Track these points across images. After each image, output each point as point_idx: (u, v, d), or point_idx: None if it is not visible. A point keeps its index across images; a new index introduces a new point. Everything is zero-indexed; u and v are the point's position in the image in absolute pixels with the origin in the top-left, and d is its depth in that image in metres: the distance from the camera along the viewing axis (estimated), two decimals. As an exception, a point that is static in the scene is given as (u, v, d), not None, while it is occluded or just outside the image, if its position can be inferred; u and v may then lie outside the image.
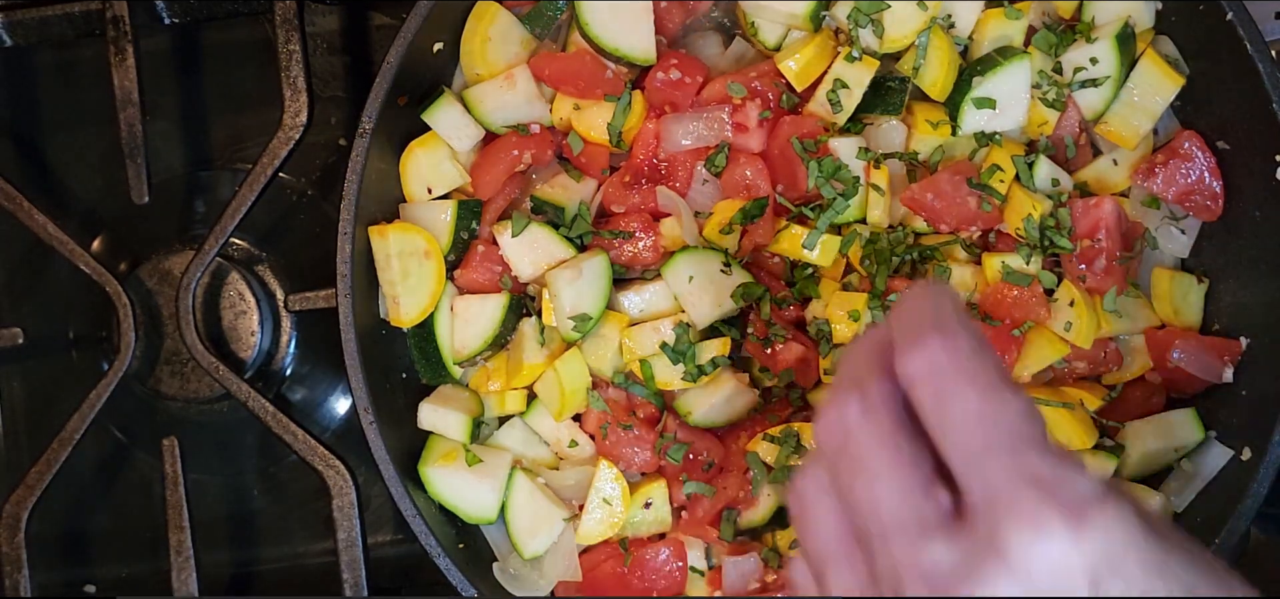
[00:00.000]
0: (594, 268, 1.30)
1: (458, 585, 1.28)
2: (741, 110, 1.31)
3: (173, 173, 1.50)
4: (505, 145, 1.33)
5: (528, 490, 1.33)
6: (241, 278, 1.46)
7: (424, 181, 1.33)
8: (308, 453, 1.35)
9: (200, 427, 1.49)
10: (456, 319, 1.33)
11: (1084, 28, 1.33)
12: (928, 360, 0.74)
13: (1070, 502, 0.68)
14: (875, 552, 0.74)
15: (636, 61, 1.32)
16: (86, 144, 1.50)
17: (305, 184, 1.50)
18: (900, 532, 0.73)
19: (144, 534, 1.47)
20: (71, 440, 1.37)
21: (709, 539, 1.34)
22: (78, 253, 1.38)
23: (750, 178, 1.32)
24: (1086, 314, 1.29)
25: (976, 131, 1.33)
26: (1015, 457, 0.70)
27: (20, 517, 1.37)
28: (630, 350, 1.31)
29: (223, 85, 1.51)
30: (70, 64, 1.51)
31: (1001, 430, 0.71)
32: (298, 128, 1.35)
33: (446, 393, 1.35)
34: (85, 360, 1.50)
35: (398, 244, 1.30)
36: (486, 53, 1.33)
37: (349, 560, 1.35)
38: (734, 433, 1.34)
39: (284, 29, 1.36)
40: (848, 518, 0.77)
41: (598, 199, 1.35)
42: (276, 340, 1.49)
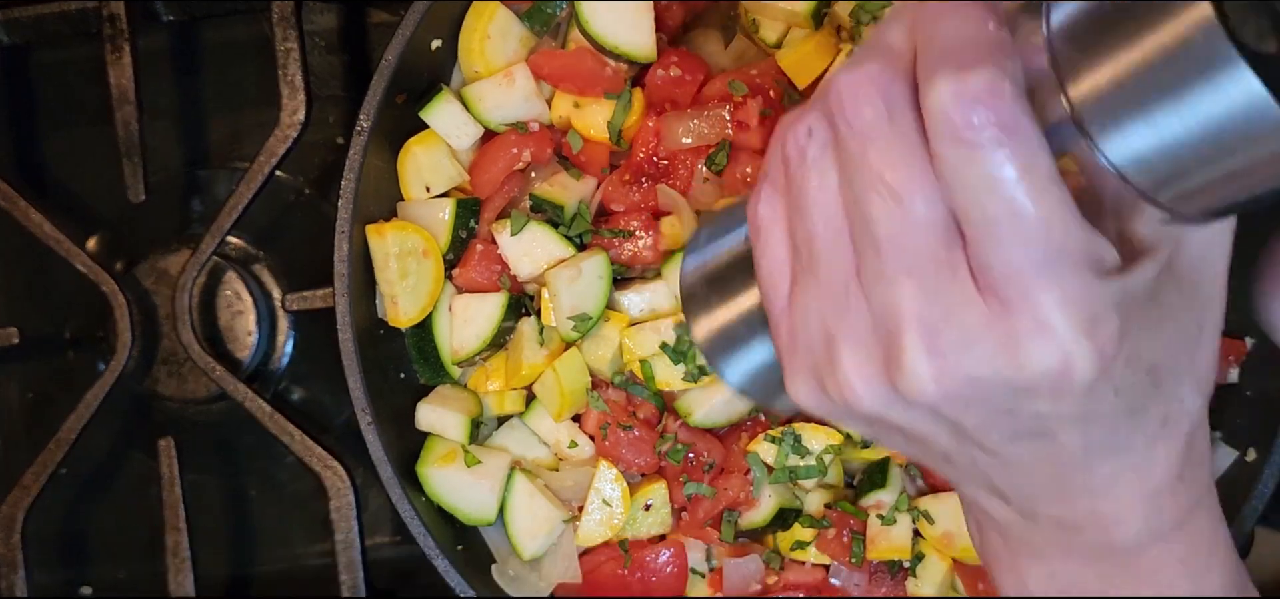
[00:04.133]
0: (594, 267, 1.30)
1: (456, 587, 1.27)
2: (743, 108, 1.31)
3: (169, 171, 1.49)
4: (504, 144, 1.33)
5: (527, 491, 1.33)
6: (238, 277, 1.46)
7: (422, 180, 1.32)
8: (305, 453, 1.35)
9: (197, 427, 1.48)
10: (455, 319, 1.33)
11: (1087, 25, 1.32)
12: (966, 105, 0.61)
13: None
14: (870, 283, 0.66)
15: (637, 59, 1.31)
16: (82, 143, 1.50)
17: (303, 183, 1.50)
18: (916, 265, 0.64)
19: (140, 535, 1.47)
20: (68, 441, 1.36)
21: (710, 540, 1.34)
22: (74, 252, 1.37)
23: (752, 175, 1.31)
24: (1090, 314, 1.28)
25: (979, 130, 1.32)
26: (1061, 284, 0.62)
27: (16, 517, 1.36)
28: (630, 350, 1.31)
29: (220, 84, 1.51)
30: (66, 62, 1.50)
31: (1049, 245, 0.62)
32: (295, 126, 1.35)
33: (445, 393, 1.35)
34: (81, 360, 1.49)
35: (396, 243, 1.29)
36: (485, 50, 1.32)
37: (347, 562, 1.34)
38: (735, 434, 1.34)
39: (281, 27, 1.35)
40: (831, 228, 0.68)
41: (597, 198, 1.34)
42: (273, 340, 1.49)
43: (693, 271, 0.82)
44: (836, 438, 1.31)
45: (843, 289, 0.68)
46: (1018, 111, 0.61)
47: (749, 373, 0.82)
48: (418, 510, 1.27)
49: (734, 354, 0.81)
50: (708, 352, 0.83)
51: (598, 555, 1.34)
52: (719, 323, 0.80)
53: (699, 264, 0.82)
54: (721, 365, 0.82)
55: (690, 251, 0.82)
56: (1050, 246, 0.62)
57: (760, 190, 0.73)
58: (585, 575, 1.34)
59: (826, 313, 0.69)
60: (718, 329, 0.81)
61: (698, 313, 0.81)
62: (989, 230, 0.62)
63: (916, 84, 0.64)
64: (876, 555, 1.30)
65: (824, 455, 1.30)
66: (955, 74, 0.61)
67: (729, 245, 0.80)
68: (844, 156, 0.66)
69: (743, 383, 0.83)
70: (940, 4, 0.65)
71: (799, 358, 0.72)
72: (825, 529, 1.31)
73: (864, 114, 0.65)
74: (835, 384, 0.69)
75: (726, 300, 0.80)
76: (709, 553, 1.36)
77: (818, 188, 0.68)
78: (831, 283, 0.68)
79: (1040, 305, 0.62)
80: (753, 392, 0.84)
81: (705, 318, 0.81)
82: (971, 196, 0.62)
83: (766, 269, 0.73)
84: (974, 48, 0.62)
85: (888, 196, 0.64)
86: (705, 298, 0.80)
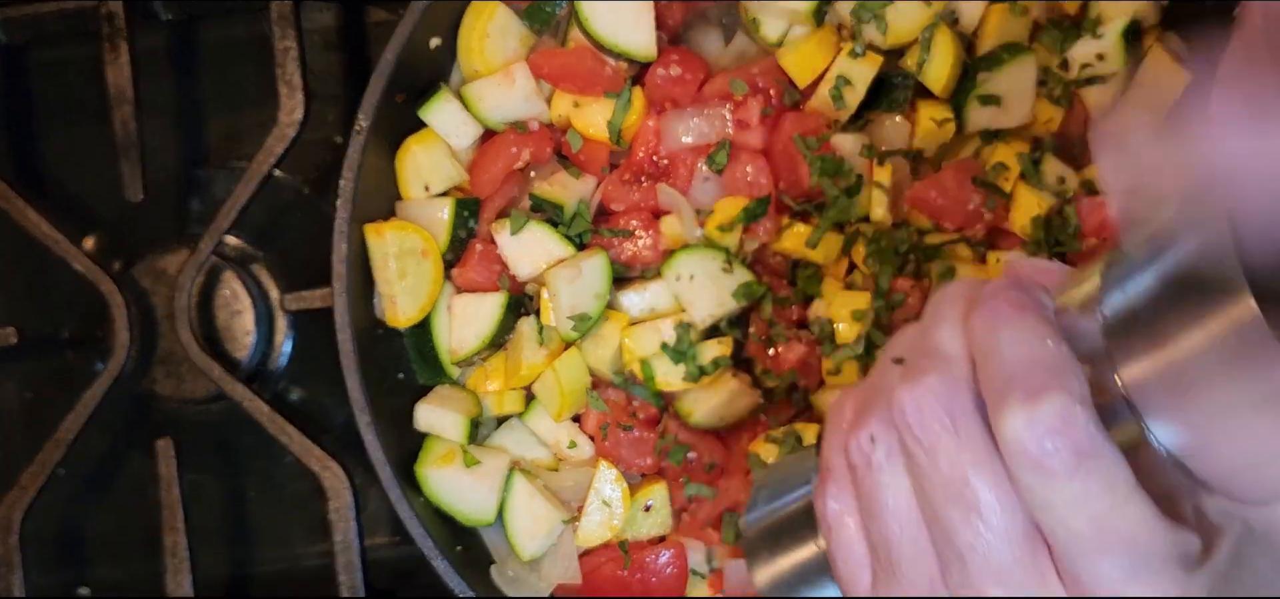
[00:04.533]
0: (593, 267, 1.29)
1: (455, 587, 1.27)
2: (743, 107, 1.30)
3: (167, 171, 1.49)
4: (504, 143, 1.32)
5: (526, 492, 1.32)
6: (237, 277, 1.46)
7: (421, 179, 1.32)
8: (304, 454, 1.34)
9: (195, 427, 1.48)
10: (454, 319, 1.32)
11: (1090, 23, 1.32)
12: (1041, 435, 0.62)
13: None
14: (957, 588, 0.67)
15: (637, 58, 1.31)
16: (80, 142, 1.49)
17: (301, 182, 1.49)
18: (1003, 573, 0.65)
19: (139, 536, 1.47)
20: (66, 441, 1.36)
21: (710, 542, 1.33)
22: (71, 251, 1.37)
23: (752, 175, 1.31)
24: (1092, 314, 1.28)
25: (981, 129, 1.32)
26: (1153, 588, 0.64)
27: (14, 518, 1.36)
28: (630, 350, 1.30)
29: (218, 83, 1.51)
30: (64, 62, 1.50)
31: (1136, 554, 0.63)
32: (293, 125, 1.35)
33: (444, 393, 1.34)
34: (79, 360, 1.49)
35: (395, 243, 1.29)
36: (485, 49, 1.32)
37: (345, 562, 1.34)
38: (736, 434, 1.33)
39: (280, 25, 1.35)
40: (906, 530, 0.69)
41: (597, 197, 1.34)
42: (272, 340, 1.48)
43: (754, 527, 0.90)
44: (837, 438, 1.30)
45: (929, 592, 0.69)
46: (1093, 433, 0.62)
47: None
48: (417, 511, 1.27)
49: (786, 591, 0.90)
50: (769, 592, 0.91)
51: (597, 556, 1.34)
52: (781, 571, 0.88)
53: (761, 520, 0.90)
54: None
55: (752, 509, 0.91)
56: (1137, 555, 0.63)
57: (827, 487, 0.74)
58: (585, 576, 1.34)
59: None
60: (779, 577, 0.88)
61: (761, 564, 0.89)
62: (1076, 545, 0.63)
63: (977, 390, 0.66)
64: (878, 556, 1.30)
65: (825, 456, 1.30)
66: (1026, 403, 0.62)
67: (788, 505, 0.87)
68: (914, 467, 0.68)
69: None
70: (993, 313, 0.66)
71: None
72: (826, 530, 1.31)
73: (931, 428, 0.66)
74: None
75: (787, 552, 0.87)
76: (710, 554, 1.35)
77: (891, 494, 0.69)
78: (917, 586, 0.70)
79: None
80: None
81: (768, 567, 0.89)
82: (1056, 517, 0.63)
83: (844, 563, 0.75)
84: (1040, 371, 0.63)
85: (966, 507, 0.65)
86: (768, 551, 0.88)
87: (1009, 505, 0.64)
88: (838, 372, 1.28)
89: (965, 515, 0.65)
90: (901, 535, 0.69)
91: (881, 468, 0.69)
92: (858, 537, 0.73)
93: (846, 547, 0.74)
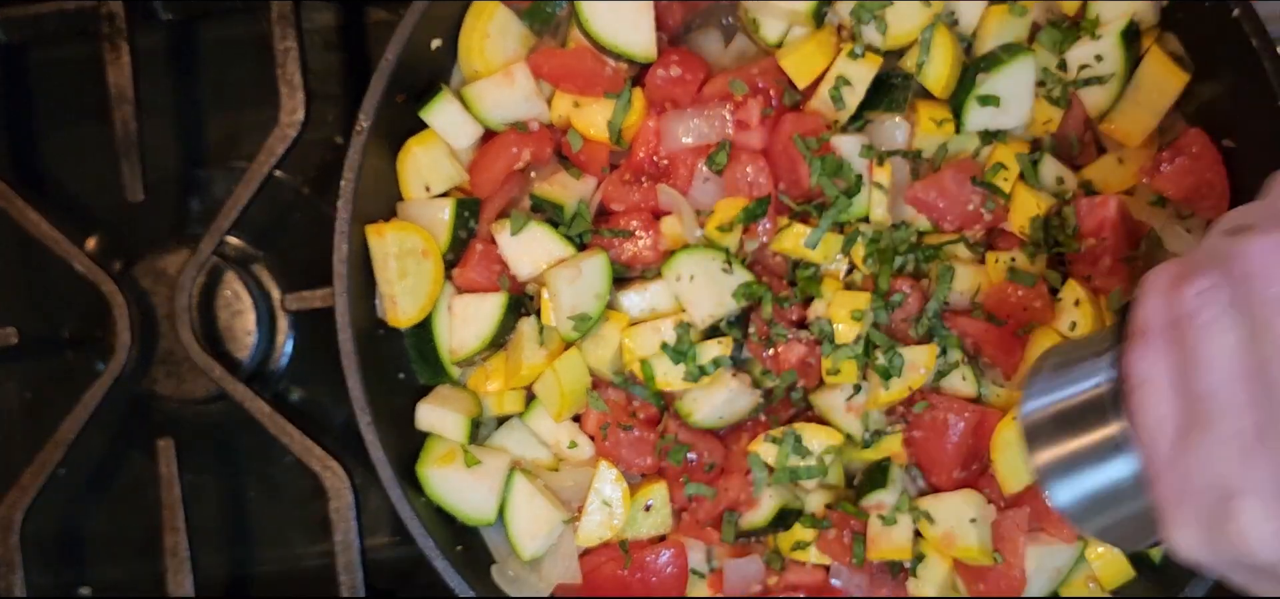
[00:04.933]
0: (594, 267, 1.30)
1: (456, 587, 1.27)
2: (743, 107, 1.30)
3: (168, 171, 1.49)
4: (504, 143, 1.32)
5: (526, 492, 1.32)
6: (237, 277, 1.46)
7: (422, 180, 1.32)
8: (304, 454, 1.34)
9: (196, 427, 1.48)
10: (455, 319, 1.32)
11: (1089, 24, 1.32)
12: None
13: None
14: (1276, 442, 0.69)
15: (637, 58, 1.31)
16: (81, 142, 1.50)
17: (302, 182, 1.49)
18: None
19: (139, 536, 1.47)
20: (66, 441, 1.36)
21: (710, 541, 1.33)
22: (72, 252, 1.37)
23: (752, 176, 1.31)
24: (1091, 313, 1.28)
25: (980, 129, 1.32)
26: None
27: (15, 518, 1.36)
28: (630, 350, 1.30)
29: (218, 83, 1.51)
30: (64, 62, 1.50)
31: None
32: (294, 126, 1.35)
33: (444, 393, 1.34)
34: (80, 360, 1.49)
35: (395, 243, 1.29)
36: (485, 50, 1.32)
37: (346, 562, 1.34)
38: (735, 434, 1.33)
39: (280, 25, 1.35)
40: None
41: (597, 197, 1.34)
42: (273, 340, 1.49)
43: (1036, 409, 0.93)
44: (837, 439, 1.31)
45: (1244, 446, 0.71)
46: None
47: (1083, 498, 0.92)
48: (417, 511, 1.27)
49: (1072, 482, 0.92)
50: (1043, 475, 0.94)
51: (598, 556, 1.34)
52: (1061, 455, 0.91)
53: (1044, 404, 0.93)
54: (1055, 490, 0.93)
55: (1033, 392, 0.94)
56: None
57: (1138, 346, 0.77)
58: (585, 576, 1.34)
59: (1225, 467, 0.72)
60: (1058, 460, 0.92)
61: (1041, 446, 0.92)
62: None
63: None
64: (877, 556, 1.30)
65: (824, 456, 1.30)
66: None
67: (1076, 390, 0.91)
68: (1251, 319, 0.70)
69: (1076, 508, 0.93)
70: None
71: (1186, 508, 0.75)
72: (826, 530, 1.31)
73: (1277, 280, 0.68)
74: (1231, 535, 0.72)
75: (1071, 437, 0.90)
76: (710, 553, 1.36)
77: (1217, 346, 0.72)
78: (1232, 439, 0.71)
79: None
80: (1082, 516, 0.93)
81: (1048, 449, 0.92)
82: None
83: (1149, 422, 0.77)
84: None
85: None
86: (1050, 433, 0.92)
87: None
88: (837, 371, 1.29)
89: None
90: (1222, 388, 0.71)
91: (1210, 320, 0.71)
92: (1167, 393, 0.75)
93: (1154, 404, 0.76)
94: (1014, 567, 1.29)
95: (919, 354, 1.28)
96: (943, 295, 1.29)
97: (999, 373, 1.31)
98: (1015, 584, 1.29)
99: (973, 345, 1.31)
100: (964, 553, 1.29)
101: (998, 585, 1.30)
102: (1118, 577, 1.32)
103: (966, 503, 1.28)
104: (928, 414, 1.30)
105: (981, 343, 1.30)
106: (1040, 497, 1.30)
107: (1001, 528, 1.30)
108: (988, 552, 1.28)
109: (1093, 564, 1.32)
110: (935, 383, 1.31)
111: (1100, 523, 0.92)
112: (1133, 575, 1.32)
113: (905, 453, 1.32)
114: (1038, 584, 1.31)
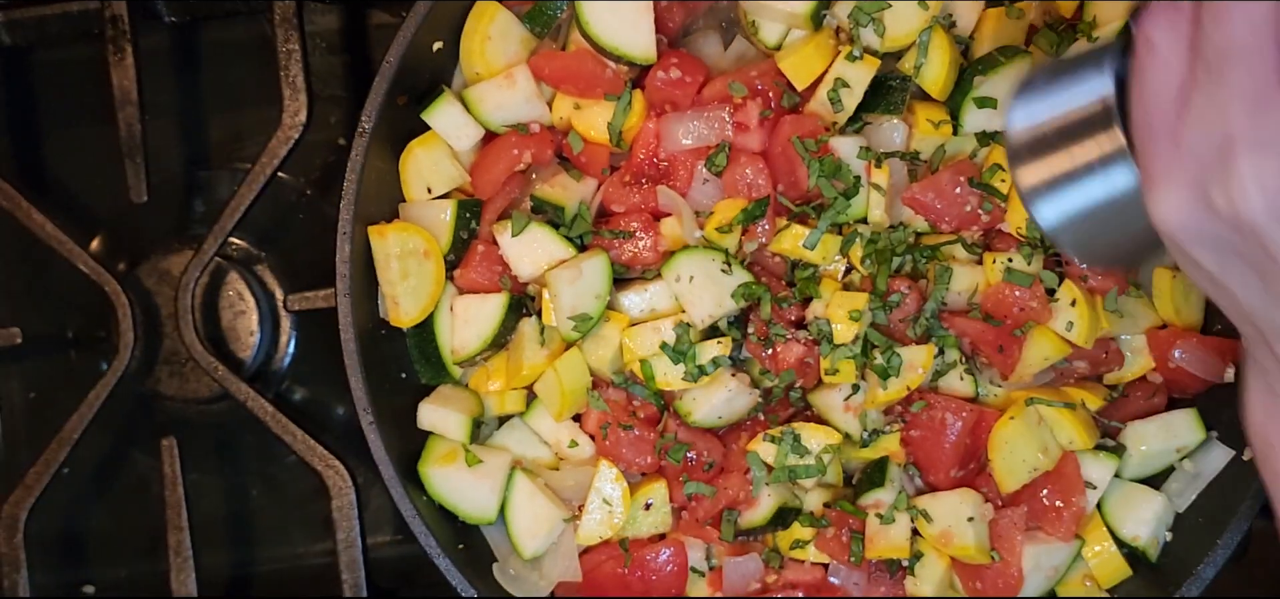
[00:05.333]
0: (594, 268, 1.30)
1: (457, 586, 1.28)
2: (742, 109, 1.31)
3: (171, 172, 1.50)
4: (505, 145, 1.33)
5: (527, 491, 1.33)
6: (240, 277, 1.46)
7: (424, 181, 1.33)
8: (307, 453, 1.35)
9: (199, 427, 1.49)
10: (456, 319, 1.33)
11: (1085, 26, 1.32)
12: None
13: None
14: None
15: (637, 61, 1.32)
16: (85, 143, 1.50)
17: (304, 184, 1.50)
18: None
19: (143, 534, 1.47)
20: (70, 440, 1.37)
21: (709, 540, 1.34)
22: (76, 252, 1.37)
23: (751, 177, 1.31)
24: (1088, 314, 1.29)
25: (978, 131, 1.33)
26: None
27: (19, 517, 1.37)
28: (630, 350, 1.31)
29: (221, 84, 1.51)
30: (68, 63, 1.50)
31: None
32: (297, 127, 1.35)
33: (446, 393, 1.35)
34: (84, 360, 1.49)
35: (397, 244, 1.30)
36: (486, 52, 1.32)
37: (348, 561, 1.35)
38: (734, 433, 1.34)
39: (283, 28, 1.35)
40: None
41: (598, 199, 1.34)
42: (275, 340, 1.49)
43: (1029, 122, 0.87)
44: (835, 438, 1.31)
45: (1258, 94, 0.69)
46: None
47: (1071, 215, 0.87)
48: (419, 510, 1.28)
49: (1059, 198, 0.87)
50: (1028, 194, 0.88)
51: (598, 554, 1.35)
52: (1053, 171, 0.86)
53: (1037, 114, 0.87)
54: (1042, 207, 0.88)
55: (1023, 102, 0.87)
56: None
57: (1156, 10, 0.75)
58: (585, 574, 1.34)
59: (1232, 118, 0.70)
60: (1050, 176, 0.86)
61: (1028, 160, 0.86)
62: None
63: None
64: (875, 554, 1.31)
65: (823, 455, 1.31)
66: None
67: (1072, 97, 0.85)
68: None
69: (1061, 225, 0.88)
70: None
71: (1181, 167, 0.73)
72: (824, 528, 1.32)
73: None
74: (1225, 190, 0.71)
75: (1065, 148, 0.85)
76: (709, 552, 1.36)
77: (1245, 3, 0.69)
78: (1246, 87, 0.70)
79: None
80: (1069, 234, 0.89)
81: (1037, 166, 0.86)
82: None
83: (1154, 84, 0.75)
84: None
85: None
86: (1041, 145, 0.85)
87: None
88: (835, 371, 1.29)
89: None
90: (1246, 36, 0.69)
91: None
92: (1179, 52, 0.73)
93: (1164, 65, 0.74)
94: (1011, 565, 1.30)
95: (917, 354, 1.29)
96: (940, 296, 1.30)
97: (996, 373, 1.32)
98: (1012, 583, 1.30)
99: (970, 345, 1.32)
100: (961, 551, 1.29)
101: (995, 584, 1.30)
102: (1115, 575, 1.33)
103: (964, 502, 1.29)
104: (925, 414, 1.30)
105: (979, 343, 1.31)
106: (1038, 496, 1.31)
107: (998, 526, 1.30)
108: (985, 550, 1.29)
109: (1090, 563, 1.33)
110: (933, 382, 1.32)
111: (1084, 240, 0.88)
112: (1129, 574, 1.33)
113: (903, 452, 1.33)
114: (1034, 583, 1.32)
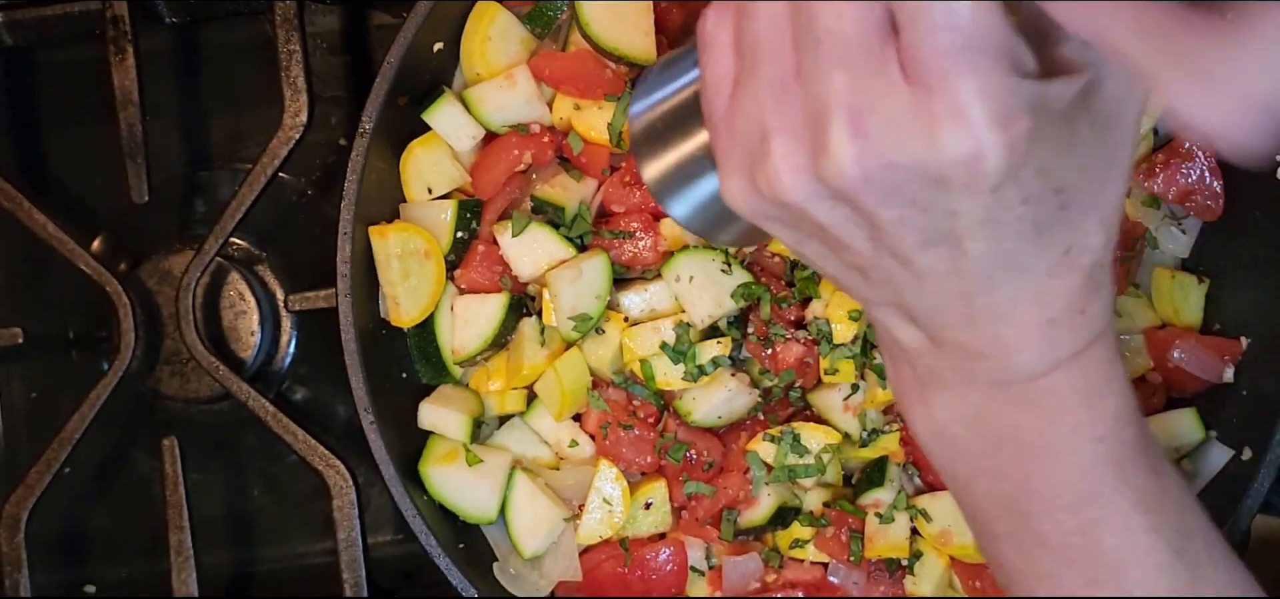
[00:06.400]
0: (594, 268, 1.31)
1: (458, 585, 1.28)
2: (742, 110, 1.31)
3: (173, 172, 1.50)
4: (505, 145, 1.33)
5: (528, 490, 1.33)
6: (241, 278, 1.46)
7: (424, 181, 1.33)
8: (308, 453, 1.35)
9: (200, 427, 1.49)
10: (456, 319, 1.33)
11: (1084, 27, 1.32)
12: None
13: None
14: (807, 77, 0.71)
15: (637, 61, 1.32)
16: (86, 144, 1.50)
17: (305, 184, 1.50)
18: (850, 57, 0.69)
19: (144, 534, 1.47)
20: (71, 440, 1.37)
21: (709, 539, 1.34)
22: (77, 252, 1.37)
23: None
24: (1087, 314, 1.29)
25: (977, 131, 1.33)
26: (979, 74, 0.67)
27: (20, 517, 1.37)
28: (630, 350, 1.31)
29: (223, 85, 1.51)
30: (69, 64, 1.51)
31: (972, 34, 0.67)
32: (298, 127, 1.35)
33: (446, 393, 1.35)
34: (85, 360, 1.50)
35: (398, 244, 1.30)
36: (486, 53, 1.33)
37: (349, 560, 1.35)
38: (734, 433, 1.34)
39: (284, 28, 1.36)
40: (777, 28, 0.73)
41: (598, 199, 1.35)
42: (276, 340, 1.49)
43: (642, 115, 0.87)
44: (835, 437, 1.32)
45: (781, 85, 0.73)
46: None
47: (695, 206, 0.87)
48: (419, 509, 1.28)
49: (681, 190, 0.87)
50: (657, 190, 0.88)
51: (598, 554, 1.35)
52: (668, 163, 0.86)
53: (648, 108, 0.87)
54: (669, 202, 0.88)
55: (637, 98, 0.87)
56: (973, 36, 0.66)
57: (709, 10, 0.78)
58: (585, 574, 1.35)
59: (764, 108, 0.74)
60: (667, 169, 0.86)
61: (647, 155, 0.86)
62: (920, 15, 0.67)
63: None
64: (875, 554, 1.31)
65: (823, 454, 1.31)
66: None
67: (676, 89, 0.86)
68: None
69: (689, 216, 0.88)
70: None
71: (734, 157, 0.77)
72: (824, 528, 1.32)
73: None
74: (765, 176, 0.74)
75: (675, 140, 0.85)
76: (709, 551, 1.36)
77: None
78: (772, 79, 0.73)
79: (958, 91, 0.67)
80: (697, 224, 0.89)
81: (654, 160, 0.86)
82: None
83: (711, 78, 0.78)
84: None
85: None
86: (654, 140, 0.86)
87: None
88: (835, 371, 1.30)
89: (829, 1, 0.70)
90: (768, 31, 0.73)
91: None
92: (728, 50, 0.77)
93: (716, 62, 0.78)
94: (1010, 564, 1.30)
95: (916, 354, 1.29)
96: (940, 296, 1.30)
97: (995, 372, 1.32)
98: (1011, 582, 1.30)
99: (969, 345, 1.32)
100: (960, 551, 1.30)
101: (994, 583, 1.31)
102: (1113, 574, 1.33)
103: (963, 501, 1.29)
104: (925, 413, 1.31)
105: (978, 343, 1.31)
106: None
107: (998, 526, 1.30)
108: (984, 549, 1.29)
109: (1088, 562, 1.33)
110: (932, 382, 1.32)
111: (713, 225, 0.88)
112: (1128, 573, 1.33)
113: (902, 451, 1.33)
114: (1034, 582, 1.32)
